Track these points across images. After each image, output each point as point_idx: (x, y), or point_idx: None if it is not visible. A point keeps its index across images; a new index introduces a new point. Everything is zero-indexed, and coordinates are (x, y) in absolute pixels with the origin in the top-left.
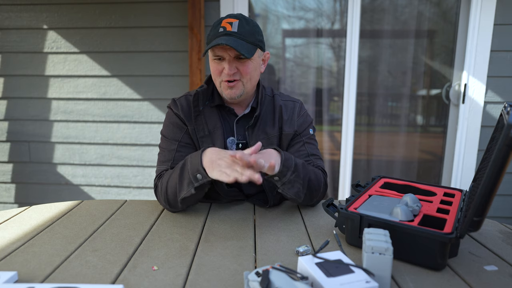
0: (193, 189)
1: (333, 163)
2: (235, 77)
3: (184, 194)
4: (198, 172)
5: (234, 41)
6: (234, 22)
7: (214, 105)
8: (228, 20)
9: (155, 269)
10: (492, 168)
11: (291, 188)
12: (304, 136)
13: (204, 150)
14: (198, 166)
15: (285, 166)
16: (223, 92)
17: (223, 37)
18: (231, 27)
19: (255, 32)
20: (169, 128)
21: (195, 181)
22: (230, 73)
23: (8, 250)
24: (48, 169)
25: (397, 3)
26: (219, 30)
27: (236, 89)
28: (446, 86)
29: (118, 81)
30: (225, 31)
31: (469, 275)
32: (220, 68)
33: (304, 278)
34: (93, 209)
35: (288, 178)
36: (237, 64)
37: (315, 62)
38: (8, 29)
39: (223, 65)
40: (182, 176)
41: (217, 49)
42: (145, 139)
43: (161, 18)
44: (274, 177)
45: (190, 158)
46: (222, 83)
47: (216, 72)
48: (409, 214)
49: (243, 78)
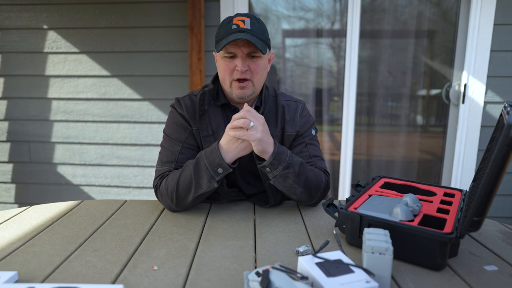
0: (216, 183)
1: (333, 163)
2: (246, 76)
3: (204, 190)
4: (219, 166)
5: (251, 37)
6: (246, 20)
7: (220, 104)
8: (240, 18)
9: (155, 269)
10: (492, 168)
11: (283, 183)
12: (306, 137)
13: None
14: (220, 161)
15: (277, 160)
16: (233, 92)
17: (239, 33)
18: (244, 25)
19: (265, 31)
20: (173, 128)
21: (216, 176)
22: (244, 70)
23: (8, 250)
24: (48, 169)
25: (397, 3)
26: (232, 27)
27: (247, 89)
28: (446, 86)
29: (118, 81)
30: (239, 28)
31: (469, 275)
32: (232, 66)
33: (304, 278)
34: (93, 209)
35: (279, 172)
36: (248, 62)
37: (315, 62)
38: (8, 29)
39: (235, 62)
40: (199, 175)
41: (230, 46)
42: (145, 139)
43: (161, 18)
44: (266, 168)
45: (205, 155)
46: (233, 83)
47: (228, 71)
48: (409, 214)
49: (253, 77)
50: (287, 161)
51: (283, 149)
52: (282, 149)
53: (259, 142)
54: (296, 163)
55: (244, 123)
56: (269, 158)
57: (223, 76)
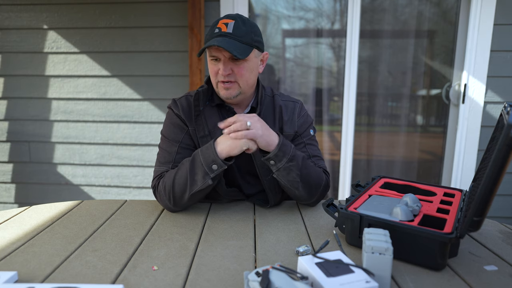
0: (210, 180)
1: (333, 163)
2: (230, 79)
3: (200, 187)
4: (213, 162)
5: (227, 42)
6: (230, 22)
7: (214, 104)
8: (224, 20)
9: (155, 269)
10: (492, 168)
11: (286, 176)
12: (305, 137)
13: (214, 141)
14: (215, 157)
15: (281, 151)
16: (219, 92)
17: (216, 38)
18: (226, 28)
19: (251, 32)
20: (170, 129)
21: (210, 172)
22: (225, 74)
23: (8, 250)
24: (48, 169)
25: (397, 3)
26: (215, 31)
27: (232, 90)
28: (446, 86)
29: (118, 81)
30: (220, 32)
31: (469, 275)
32: (216, 69)
33: (304, 278)
34: (93, 209)
35: (283, 165)
36: (232, 65)
37: (315, 62)
38: (8, 29)
39: (219, 65)
40: (194, 171)
41: (213, 49)
42: (145, 139)
43: (161, 18)
44: (270, 160)
45: (201, 152)
46: (218, 84)
47: (213, 73)
48: (409, 214)
49: (238, 80)
50: (291, 153)
51: (287, 141)
52: (286, 142)
53: (262, 137)
54: (299, 156)
55: (241, 125)
56: (275, 149)
57: (211, 77)
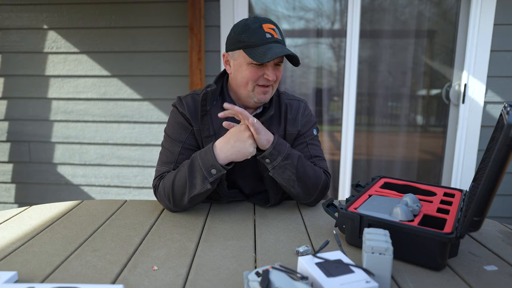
0: (209, 184)
1: (333, 163)
2: (271, 83)
3: (198, 191)
4: (212, 167)
5: (288, 50)
6: (275, 28)
7: (222, 105)
8: (269, 26)
9: (155, 269)
10: (492, 168)
11: (282, 174)
12: (308, 136)
13: (213, 145)
14: (214, 162)
15: (276, 150)
16: (255, 96)
17: (277, 45)
18: (277, 35)
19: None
20: (174, 128)
21: (209, 177)
22: (274, 79)
23: (8, 250)
24: (48, 169)
25: (397, 3)
26: (267, 36)
27: (268, 94)
28: (446, 86)
29: (118, 81)
30: (273, 38)
31: (469, 275)
32: (260, 73)
33: (304, 278)
34: (93, 209)
35: (278, 163)
36: (275, 70)
37: (315, 62)
38: (8, 29)
39: (264, 70)
40: (193, 175)
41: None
42: (145, 139)
43: (161, 18)
44: (266, 159)
45: (200, 156)
46: (256, 87)
47: (254, 77)
48: (409, 214)
49: (274, 84)
50: (286, 152)
51: (283, 141)
52: (282, 141)
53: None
54: (295, 155)
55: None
56: (269, 148)
57: (245, 81)
